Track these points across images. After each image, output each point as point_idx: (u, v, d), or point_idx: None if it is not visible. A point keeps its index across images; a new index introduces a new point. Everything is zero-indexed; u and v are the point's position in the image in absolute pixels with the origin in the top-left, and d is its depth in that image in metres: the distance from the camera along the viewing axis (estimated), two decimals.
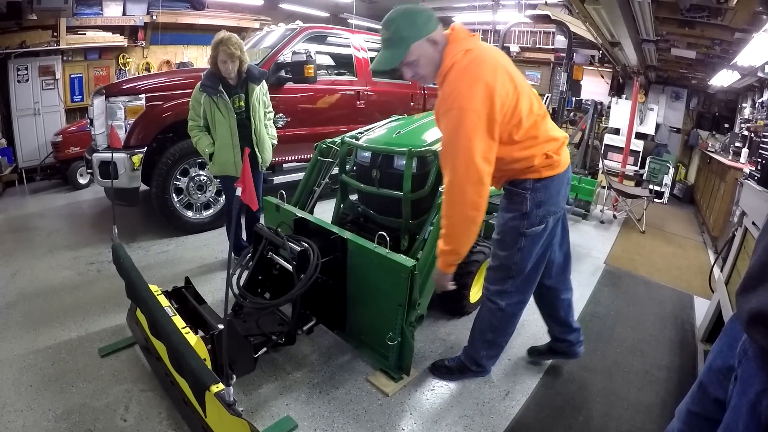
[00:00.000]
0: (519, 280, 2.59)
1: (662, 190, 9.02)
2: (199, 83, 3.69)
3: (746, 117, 8.24)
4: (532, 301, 4.17)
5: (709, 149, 9.05)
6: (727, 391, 1.25)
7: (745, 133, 7.62)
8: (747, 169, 5.18)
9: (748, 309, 1.07)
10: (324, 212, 3.98)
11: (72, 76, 8.15)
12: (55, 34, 7.63)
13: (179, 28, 9.36)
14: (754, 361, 1.11)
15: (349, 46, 6.36)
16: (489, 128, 2.07)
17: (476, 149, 2.05)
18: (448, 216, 2.18)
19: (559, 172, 2.41)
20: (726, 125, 9.55)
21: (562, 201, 2.53)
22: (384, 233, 2.88)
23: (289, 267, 2.73)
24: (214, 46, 3.61)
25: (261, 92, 3.88)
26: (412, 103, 7.11)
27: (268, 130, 3.99)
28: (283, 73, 5.26)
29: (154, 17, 8.74)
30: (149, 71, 9.07)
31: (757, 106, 7.49)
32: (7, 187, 6.96)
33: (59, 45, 7.68)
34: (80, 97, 8.25)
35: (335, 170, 3.86)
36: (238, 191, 1.92)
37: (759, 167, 3.75)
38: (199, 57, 9.89)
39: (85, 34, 8.13)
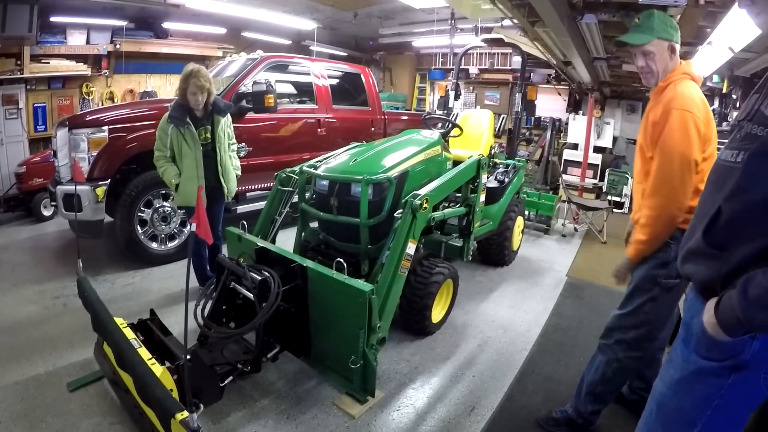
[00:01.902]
0: (643, 331, 2.49)
1: (622, 200, 9.28)
2: (166, 114, 3.74)
3: None
4: (490, 305, 4.28)
5: None
6: None
7: None
8: None
9: (682, 254, 1.51)
10: (287, 240, 4.05)
11: (35, 105, 8.07)
12: (18, 62, 7.58)
13: (143, 57, 9.36)
14: (692, 298, 1.51)
15: (309, 74, 6.46)
16: (699, 143, 2.17)
17: (694, 147, 2.14)
18: (655, 207, 2.22)
19: None
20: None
21: None
22: (342, 259, 2.96)
23: (251, 296, 2.79)
24: (184, 79, 3.68)
25: (226, 124, 3.96)
26: (372, 129, 7.23)
27: (232, 161, 4.06)
28: (244, 102, 5.33)
29: (118, 46, 8.74)
30: (113, 100, 9.04)
31: None
32: None
33: (23, 73, 7.63)
34: (44, 126, 8.17)
35: (295, 199, 3.94)
36: (193, 226, 1.99)
37: None
38: (162, 86, 9.89)
39: (48, 62, 8.09)
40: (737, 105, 6.24)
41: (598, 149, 10.42)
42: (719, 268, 1.32)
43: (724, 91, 6.37)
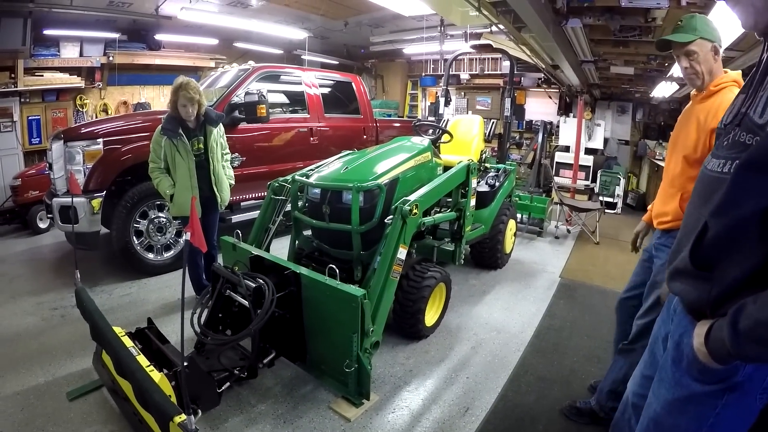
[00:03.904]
0: None
1: (615, 201, 9.35)
2: (159, 126, 3.81)
3: None
4: (484, 308, 4.32)
5: (656, 158, 9.44)
6: None
7: None
8: None
9: (668, 271, 1.46)
10: (282, 249, 4.10)
11: (30, 118, 8.13)
12: (12, 75, 7.64)
13: (136, 69, 9.41)
14: (681, 314, 1.46)
15: (300, 83, 6.51)
16: None
17: None
18: None
19: None
20: (671, 133, 9.89)
21: None
22: (334, 266, 3.02)
23: (247, 303, 2.84)
24: (174, 91, 3.76)
25: (218, 134, 4.04)
26: (365, 136, 7.29)
27: (225, 171, 4.13)
28: (236, 113, 5.38)
29: (111, 58, 8.80)
30: (107, 112, 9.10)
31: None
32: None
33: (17, 86, 7.69)
34: (38, 139, 8.22)
35: (288, 207, 4.00)
36: (187, 235, 2.05)
37: None
38: (155, 97, 9.93)
39: (42, 75, 8.15)
40: None
41: (589, 151, 10.52)
42: (708, 291, 1.27)
43: None
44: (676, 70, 5.55)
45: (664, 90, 7.71)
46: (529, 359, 3.63)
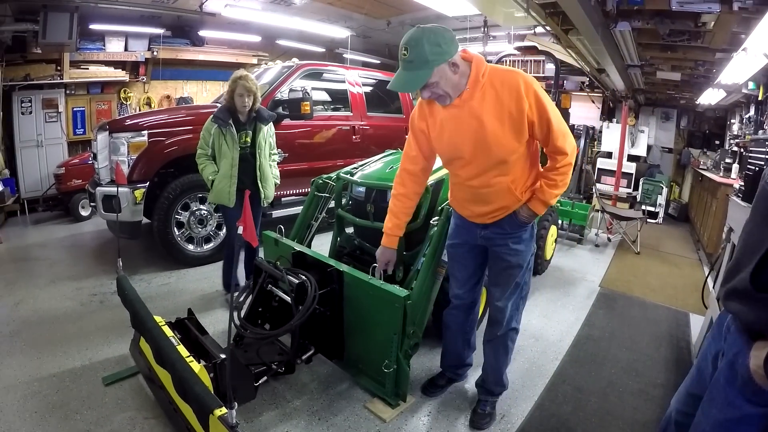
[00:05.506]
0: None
1: (656, 210, 9.11)
2: (212, 115, 3.87)
3: (735, 133, 8.36)
4: (522, 314, 4.30)
5: (700, 167, 9.18)
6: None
7: (735, 149, 7.73)
8: (737, 184, 5.28)
9: (725, 290, 1.41)
10: (322, 245, 4.08)
11: (75, 109, 8.36)
12: (58, 68, 7.89)
13: (179, 64, 9.59)
14: (735, 333, 1.41)
15: (344, 81, 6.54)
16: None
17: None
18: (571, 162, 2.38)
19: None
20: (717, 142, 9.70)
21: None
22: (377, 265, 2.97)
23: (288, 299, 2.83)
24: (233, 80, 3.83)
25: (268, 133, 4.08)
26: (406, 136, 7.16)
27: (272, 170, 4.16)
28: (280, 109, 5.41)
29: (155, 53, 8.99)
30: (150, 106, 9.30)
31: (744, 121, 7.58)
32: (9, 216, 7.11)
33: (62, 79, 7.94)
34: (82, 130, 8.45)
35: (332, 204, 3.98)
36: (240, 229, 2.04)
37: (744, 183, 3.81)
38: (198, 92, 10.10)
39: (87, 68, 8.38)
40: None
41: (631, 158, 10.29)
42: None
43: (760, 98, 6.25)
44: (724, 77, 5.39)
45: (710, 97, 7.49)
46: (566, 369, 3.54)
